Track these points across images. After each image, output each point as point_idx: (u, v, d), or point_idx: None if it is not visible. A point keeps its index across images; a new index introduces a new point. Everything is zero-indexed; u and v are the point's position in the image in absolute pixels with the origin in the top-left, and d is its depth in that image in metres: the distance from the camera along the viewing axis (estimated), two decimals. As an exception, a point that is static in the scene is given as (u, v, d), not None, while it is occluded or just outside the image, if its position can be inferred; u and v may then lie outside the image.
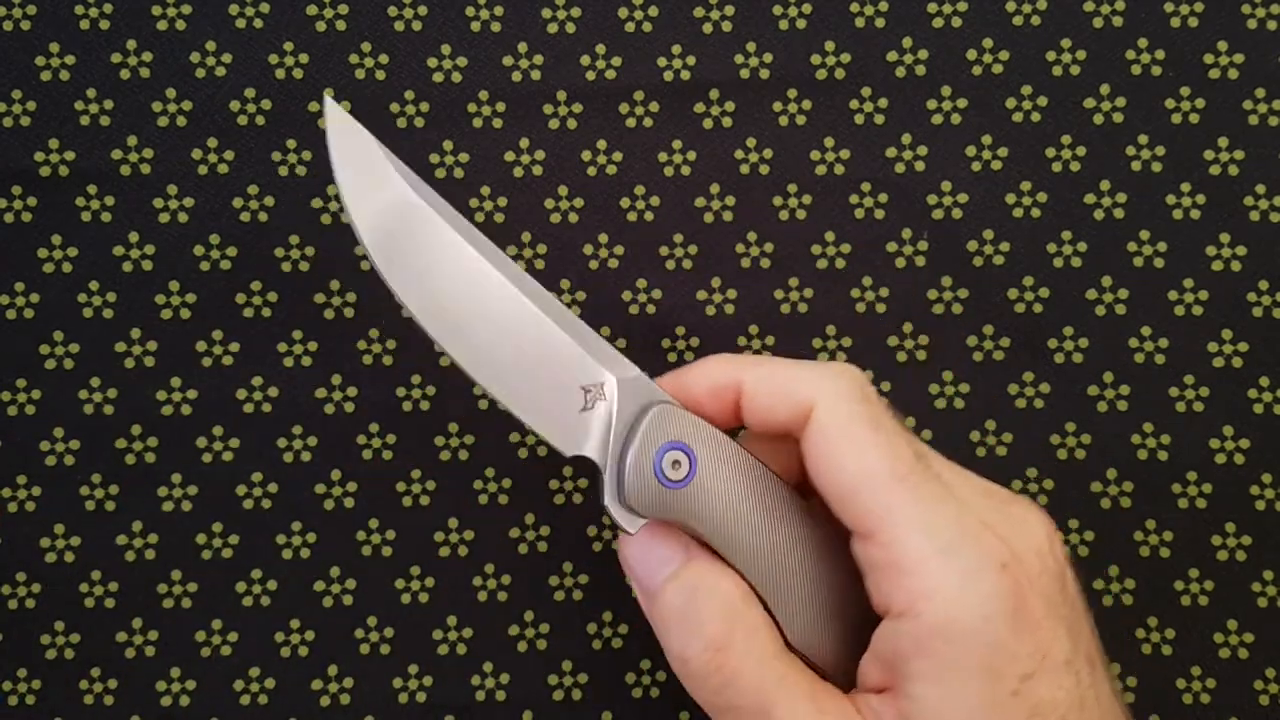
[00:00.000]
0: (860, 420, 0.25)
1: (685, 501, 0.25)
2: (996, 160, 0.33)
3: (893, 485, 0.24)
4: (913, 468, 0.24)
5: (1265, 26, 0.33)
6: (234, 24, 0.33)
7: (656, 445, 0.25)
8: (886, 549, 0.24)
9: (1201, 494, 0.33)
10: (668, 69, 0.33)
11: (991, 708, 0.23)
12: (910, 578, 0.23)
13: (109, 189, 0.33)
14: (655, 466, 0.25)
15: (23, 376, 0.33)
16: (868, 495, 0.24)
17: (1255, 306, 0.33)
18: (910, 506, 0.24)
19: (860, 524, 0.24)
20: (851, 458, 0.24)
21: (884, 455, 0.24)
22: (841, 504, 0.24)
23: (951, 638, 0.23)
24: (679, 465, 0.25)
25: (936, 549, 0.23)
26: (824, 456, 0.25)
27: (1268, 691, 0.33)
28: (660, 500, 0.25)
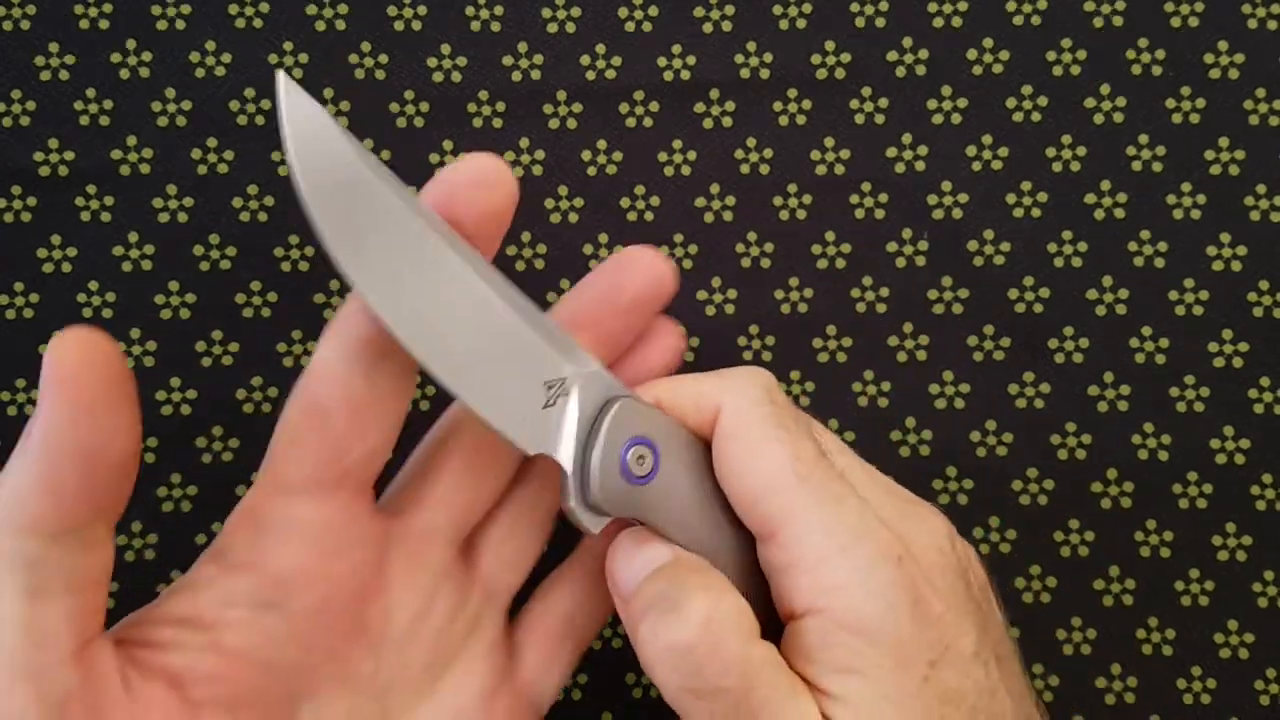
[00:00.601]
0: (763, 422, 0.25)
1: (650, 497, 0.25)
2: (997, 160, 0.33)
3: (794, 486, 0.24)
4: (814, 466, 0.24)
5: (1266, 26, 0.33)
6: (234, 24, 0.33)
7: (621, 441, 0.24)
8: (787, 550, 0.24)
9: (1202, 494, 0.33)
10: (668, 69, 0.33)
11: (908, 693, 0.23)
12: (811, 575, 0.23)
13: (108, 189, 0.33)
14: (621, 462, 0.24)
15: (22, 376, 0.33)
16: (770, 497, 0.24)
17: (1256, 306, 0.33)
18: (811, 508, 0.24)
19: (763, 527, 0.24)
20: (754, 460, 0.24)
21: (786, 455, 0.24)
22: (746, 508, 0.24)
23: (856, 629, 0.23)
24: (643, 460, 0.25)
25: (836, 546, 0.23)
26: (728, 460, 0.25)
27: (1268, 692, 0.33)
28: (627, 497, 0.25)
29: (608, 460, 0.24)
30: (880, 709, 0.23)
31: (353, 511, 0.25)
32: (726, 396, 0.25)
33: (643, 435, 0.25)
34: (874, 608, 0.23)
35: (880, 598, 0.23)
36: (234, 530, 0.24)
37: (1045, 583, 0.33)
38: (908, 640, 0.23)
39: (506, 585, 0.28)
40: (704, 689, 0.23)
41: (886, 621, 0.23)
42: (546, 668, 0.28)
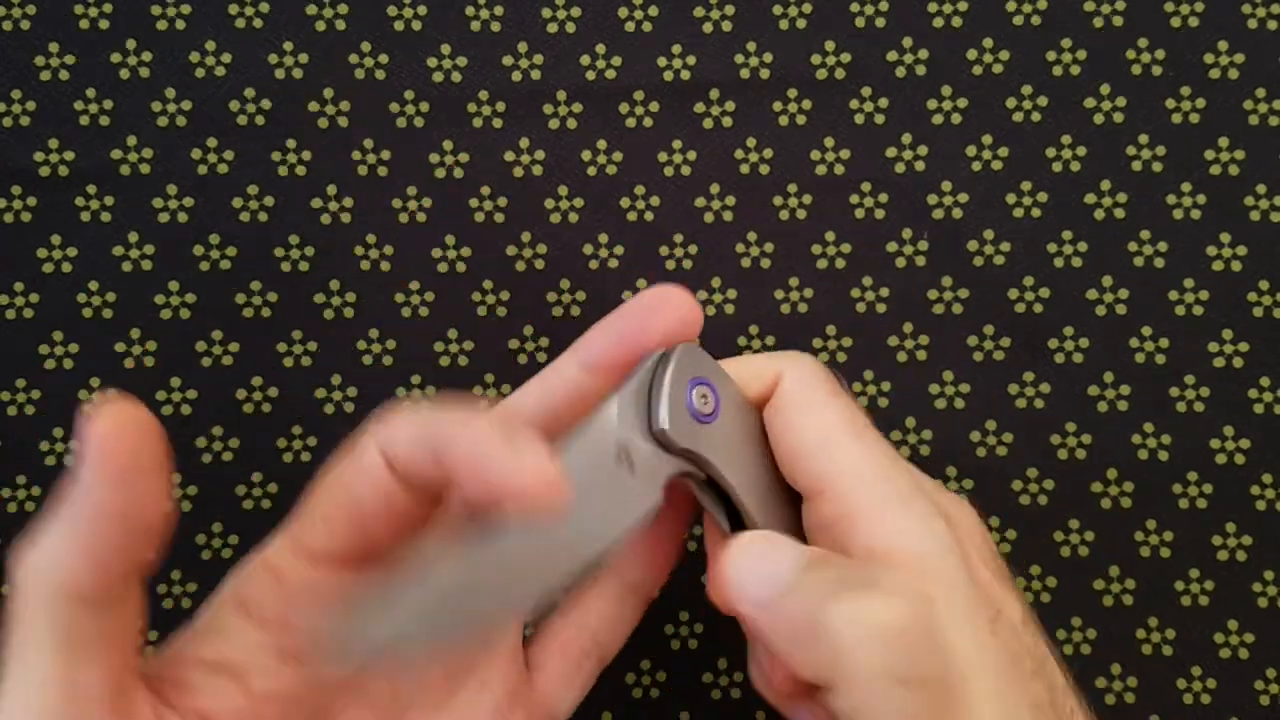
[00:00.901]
0: (821, 386, 0.26)
1: (713, 437, 0.25)
2: (997, 160, 0.33)
3: (853, 440, 0.25)
4: (865, 431, 0.25)
5: (1266, 26, 0.33)
6: (233, 24, 0.33)
7: (686, 378, 0.25)
8: (844, 499, 0.24)
9: (1202, 494, 0.33)
10: (668, 69, 0.33)
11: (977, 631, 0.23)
12: (868, 521, 0.24)
13: (108, 189, 0.33)
14: (688, 399, 0.25)
15: (22, 376, 0.33)
16: (828, 450, 0.25)
17: (1256, 306, 0.33)
18: (869, 461, 0.24)
19: (818, 480, 0.25)
20: (813, 417, 0.25)
21: (842, 416, 0.25)
22: (802, 463, 0.25)
23: (922, 568, 0.23)
24: (706, 399, 0.25)
25: (895, 495, 0.24)
26: (788, 419, 0.25)
27: (1268, 692, 0.33)
28: (692, 431, 0.25)
29: (675, 393, 0.25)
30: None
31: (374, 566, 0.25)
32: (788, 366, 0.26)
33: (704, 377, 0.25)
34: (938, 553, 0.23)
35: (941, 545, 0.23)
36: (257, 583, 0.24)
37: (1045, 582, 0.33)
38: (972, 586, 0.23)
39: None
40: (913, 676, 0.22)
41: (950, 567, 0.23)
42: (565, 683, 0.28)
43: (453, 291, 0.33)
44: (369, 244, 0.33)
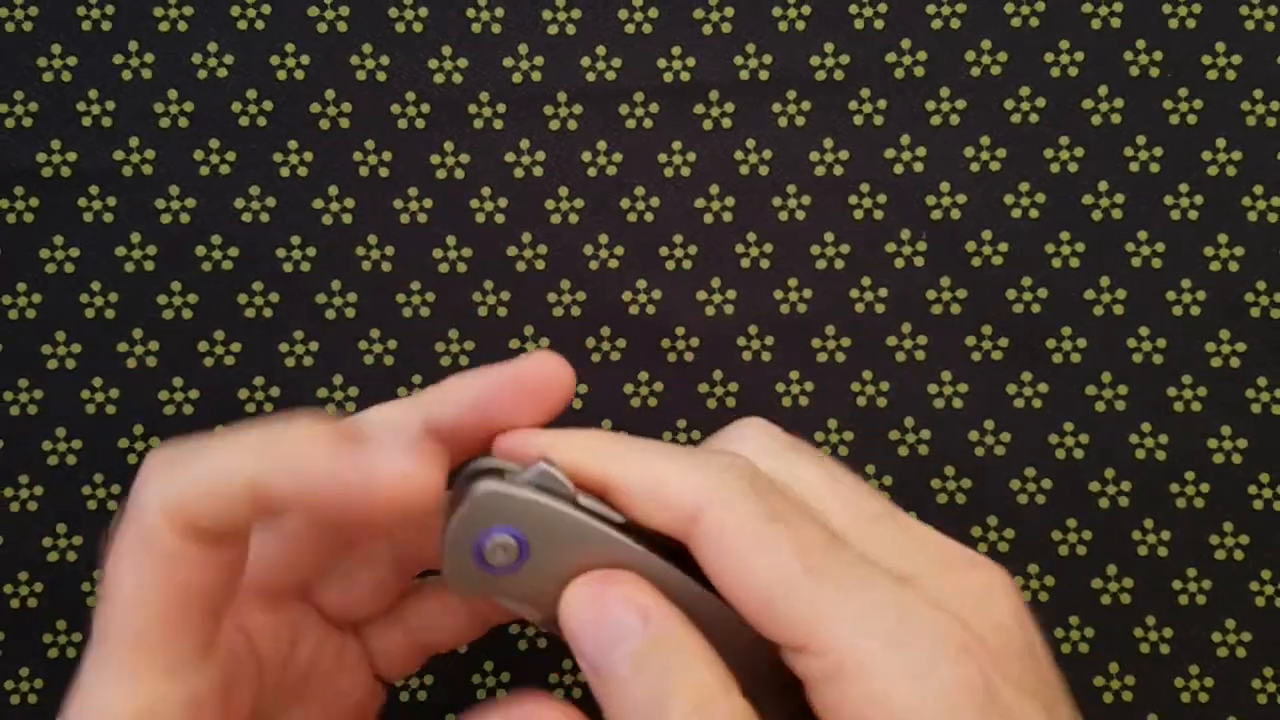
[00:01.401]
0: (753, 520, 0.21)
1: (514, 585, 0.22)
2: (995, 161, 0.33)
3: (809, 583, 0.20)
4: (826, 554, 0.21)
5: (1263, 28, 0.33)
6: (236, 25, 0.33)
7: (476, 530, 0.22)
8: (823, 658, 0.20)
9: (1199, 493, 0.33)
10: (668, 70, 0.33)
11: None
12: (856, 684, 0.20)
13: (111, 189, 0.33)
14: (475, 552, 0.22)
15: (25, 376, 0.33)
16: (785, 602, 0.20)
17: (1253, 307, 0.33)
18: (837, 605, 0.20)
19: (788, 636, 0.21)
20: (755, 565, 0.21)
21: (789, 551, 0.21)
22: (761, 618, 0.21)
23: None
24: (506, 550, 0.22)
25: (880, 644, 0.20)
26: (725, 571, 0.21)
27: (1266, 690, 0.33)
28: (482, 582, 0.22)
29: (458, 545, 0.22)
30: None
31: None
32: (702, 501, 0.21)
33: (507, 525, 0.22)
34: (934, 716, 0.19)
35: (942, 702, 0.19)
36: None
37: (1043, 582, 0.33)
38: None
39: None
40: None
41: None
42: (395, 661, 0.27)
43: (453, 292, 0.33)
44: (370, 244, 0.33)
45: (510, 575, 0.22)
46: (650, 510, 0.22)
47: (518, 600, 0.23)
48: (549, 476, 0.22)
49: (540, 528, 0.22)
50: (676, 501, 0.21)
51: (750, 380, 0.33)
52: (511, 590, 0.23)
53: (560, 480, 0.22)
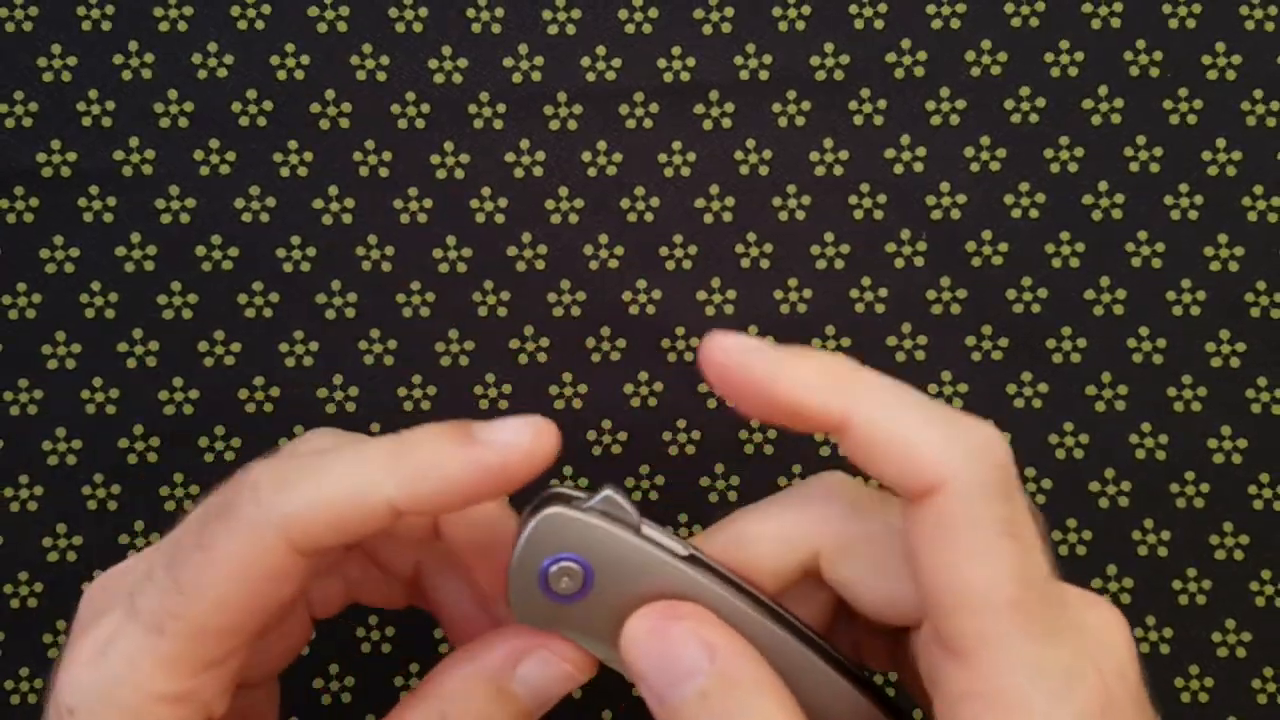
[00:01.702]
0: (993, 521, 0.20)
1: (579, 615, 0.22)
2: (995, 161, 0.33)
3: (1007, 611, 0.20)
4: (1036, 591, 0.21)
5: (1263, 28, 0.33)
6: (236, 25, 0.33)
7: (540, 559, 0.22)
8: (981, 679, 0.20)
9: (1199, 493, 0.33)
10: (668, 70, 0.33)
11: None
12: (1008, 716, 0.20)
13: (111, 189, 0.33)
14: (541, 582, 0.22)
15: (25, 376, 0.33)
16: (974, 614, 0.20)
17: (1253, 307, 0.33)
18: (1022, 642, 0.20)
19: (960, 642, 0.20)
20: (970, 563, 0.20)
21: (1008, 571, 0.20)
22: (943, 613, 0.20)
23: None
24: (572, 578, 0.22)
25: (1044, 693, 0.20)
26: (939, 553, 0.20)
27: (1266, 690, 0.33)
28: (549, 614, 0.22)
29: (523, 575, 0.22)
30: None
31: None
32: (959, 466, 0.20)
33: (569, 552, 0.22)
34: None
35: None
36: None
37: (1043, 582, 0.33)
38: None
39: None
40: None
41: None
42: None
43: (453, 292, 0.33)
44: (370, 244, 0.33)
45: (575, 605, 0.22)
46: (887, 464, 0.21)
47: (583, 634, 0.23)
48: (614, 504, 0.22)
49: (606, 555, 0.22)
50: (917, 470, 0.20)
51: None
52: (577, 621, 0.23)
53: (626, 509, 0.22)
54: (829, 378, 0.21)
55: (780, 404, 0.21)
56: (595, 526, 0.22)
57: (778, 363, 0.21)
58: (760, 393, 0.21)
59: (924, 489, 0.20)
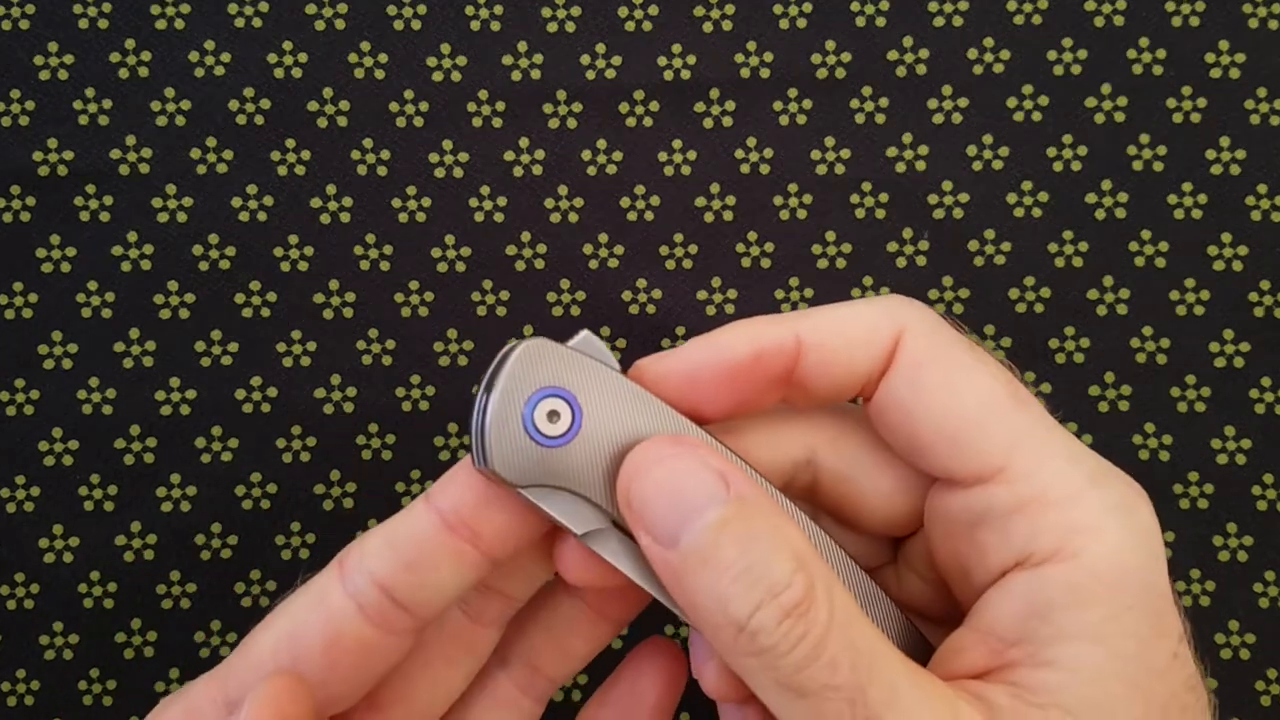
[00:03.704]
0: (960, 346, 0.21)
1: (568, 461, 0.20)
2: (997, 160, 0.33)
3: (1018, 411, 0.20)
4: (1028, 391, 0.21)
5: (1267, 26, 0.33)
6: (233, 23, 0.33)
7: (524, 394, 0.19)
8: (1025, 482, 0.19)
9: (1203, 494, 0.33)
10: (668, 68, 0.33)
11: (1155, 671, 0.19)
12: (1062, 511, 0.19)
13: (107, 188, 0.33)
14: (525, 421, 0.20)
15: (21, 376, 0.33)
16: (989, 426, 0.20)
17: (1257, 306, 0.33)
18: (1045, 434, 0.20)
19: (980, 461, 0.20)
20: (962, 386, 0.20)
21: (998, 380, 0.20)
22: (949, 443, 0.20)
23: (1118, 582, 0.19)
24: (556, 416, 0.20)
25: (1086, 478, 0.19)
26: (922, 391, 0.20)
27: (1269, 692, 0.32)
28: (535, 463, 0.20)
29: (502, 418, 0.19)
30: (1114, 688, 0.18)
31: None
32: (908, 320, 0.21)
33: (554, 385, 0.20)
34: (1138, 557, 0.19)
35: (1145, 547, 0.19)
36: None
37: (1046, 583, 0.33)
38: (1165, 605, 0.19)
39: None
40: (806, 687, 0.18)
41: (1152, 576, 0.19)
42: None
43: (452, 291, 0.33)
44: (368, 244, 0.33)
45: (562, 449, 0.20)
46: (851, 353, 0.21)
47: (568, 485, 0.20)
48: (594, 345, 0.21)
49: (594, 392, 0.20)
50: (874, 333, 0.21)
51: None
52: (562, 470, 0.20)
53: (605, 351, 0.21)
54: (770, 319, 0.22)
55: (743, 359, 0.21)
56: (582, 359, 0.20)
57: (709, 341, 0.22)
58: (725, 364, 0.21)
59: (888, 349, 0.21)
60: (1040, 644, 0.19)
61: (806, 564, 0.19)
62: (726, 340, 0.22)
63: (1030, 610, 0.19)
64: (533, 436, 0.20)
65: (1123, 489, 0.20)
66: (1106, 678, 0.18)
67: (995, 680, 0.19)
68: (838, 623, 0.18)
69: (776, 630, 0.18)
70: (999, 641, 0.19)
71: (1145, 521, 0.19)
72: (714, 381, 0.21)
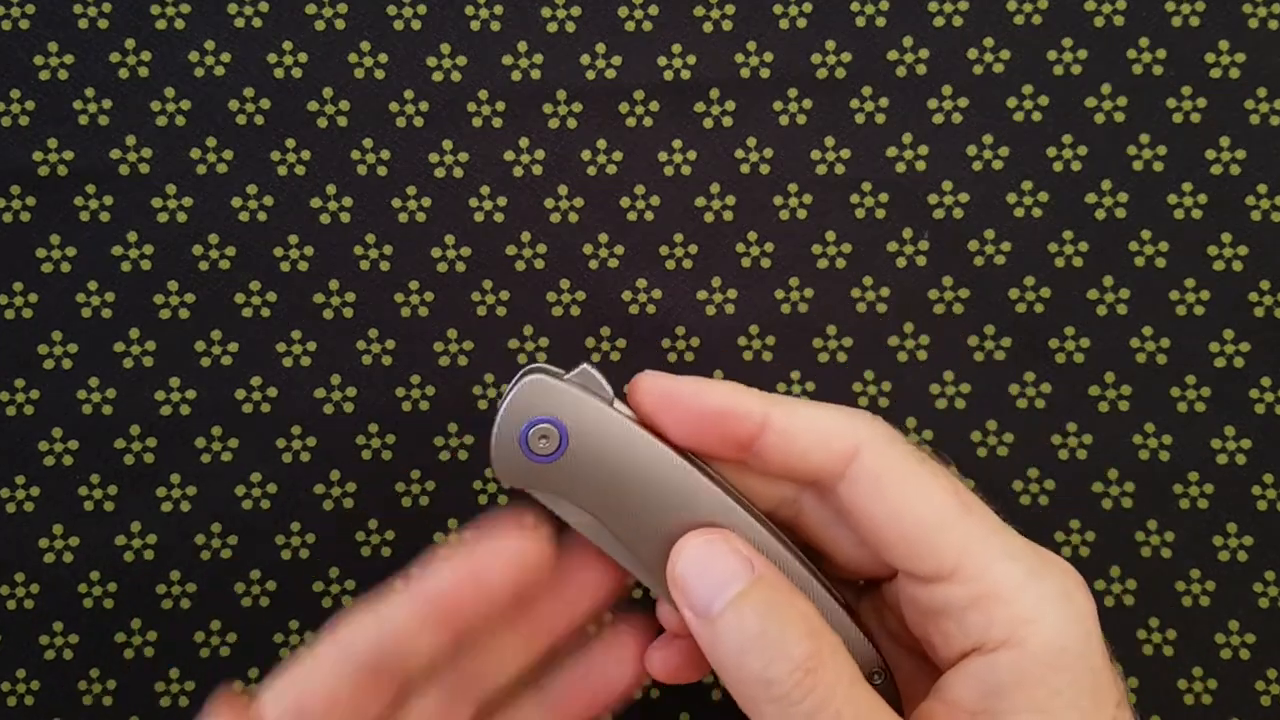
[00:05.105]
0: (912, 460, 0.24)
1: (555, 475, 0.25)
2: (997, 160, 0.33)
3: (965, 518, 0.23)
4: (972, 498, 0.24)
5: (1267, 26, 0.33)
6: (233, 23, 0.33)
7: (522, 420, 0.25)
8: (976, 582, 0.23)
9: (1203, 494, 0.33)
10: (668, 68, 0.33)
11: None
12: (1008, 606, 0.22)
13: (108, 188, 0.33)
14: (521, 441, 0.25)
15: (21, 376, 0.33)
16: (941, 533, 0.23)
17: (1257, 306, 0.33)
18: (989, 537, 0.23)
19: (936, 564, 0.23)
20: (917, 498, 0.24)
21: (946, 492, 0.24)
22: (908, 547, 0.23)
23: (1059, 663, 0.22)
24: (547, 439, 0.25)
25: (1027, 572, 0.23)
26: (880, 500, 0.24)
27: (1269, 692, 0.32)
28: (525, 473, 0.25)
29: (505, 435, 0.25)
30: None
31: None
32: (862, 436, 0.24)
33: (548, 415, 0.25)
34: (1075, 639, 0.22)
35: (1080, 628, 0.22)
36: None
37: (1046, 583, 0.33)
38: (1103, 675, 0.22)
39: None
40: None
41: (1088, 655, 0.22)
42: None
43: (452, 291, 0.33)
44: (368, 244, 0.33)
45: (551, 464, 0.25)
46: (810, 445, 0.24)
47: (556, 492, 0.25)
48: (590, 377, 0.25)
49: (580, 420, 0.25)
50: (838, 441, 0.24)
51: (751, 380, 0.33)
52: (552, 480, 0.25)
53: (600, 382, 0.25)
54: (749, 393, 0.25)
55: (712, 408, 0.25)
56: (572, 393, 0.25)
57: (702, 381, 0.25)
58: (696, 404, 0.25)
59: (845, 454, 0.24)
60: (996, 716, 0.22)
61: (816, 632, 0.23)
62: (709, 388, 0.25)
63: (986, 689, 0.22)
64: (526, 455, 0.25)
65: (1059, 578, 0.23)
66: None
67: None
68: (843, 681, 0.22)
69: (789, 680, 0.22)
70: (963, 713, 0.23)
71: (1080, 605, 0.23)
72: (683, 415, 0.25)
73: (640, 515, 0.25)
